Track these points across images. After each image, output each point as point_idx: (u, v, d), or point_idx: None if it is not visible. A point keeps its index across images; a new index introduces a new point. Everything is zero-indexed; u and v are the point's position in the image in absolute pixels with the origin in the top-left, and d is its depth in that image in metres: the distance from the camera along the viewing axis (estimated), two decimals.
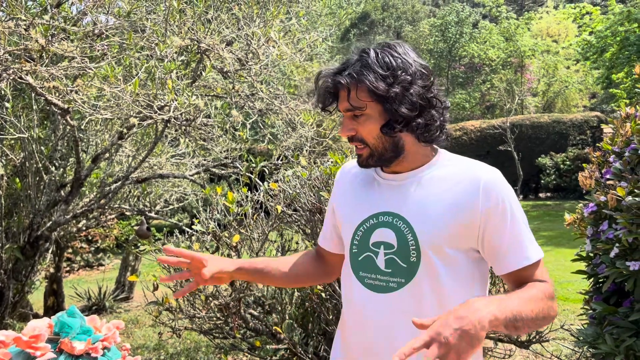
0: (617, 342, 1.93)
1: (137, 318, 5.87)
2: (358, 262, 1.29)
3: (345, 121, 1.24)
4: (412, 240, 1.21)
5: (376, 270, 1.25)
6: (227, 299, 2.71)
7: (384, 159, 1.25)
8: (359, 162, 1.28)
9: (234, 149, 4.99)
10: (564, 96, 26.41)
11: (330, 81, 1.23)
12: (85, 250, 9.66)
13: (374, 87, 1.17)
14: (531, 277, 1.21)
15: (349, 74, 1.20)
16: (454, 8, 30.03)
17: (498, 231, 1.20)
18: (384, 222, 1.26)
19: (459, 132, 18.67)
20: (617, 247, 1.94)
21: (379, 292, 1.24)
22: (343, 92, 1.22)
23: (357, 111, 1.21)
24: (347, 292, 1.34)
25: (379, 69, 1.18)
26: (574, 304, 5.35)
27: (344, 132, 1.24)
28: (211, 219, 2.82)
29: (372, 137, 1.23)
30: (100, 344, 1.32)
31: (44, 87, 3.00)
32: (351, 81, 1.19)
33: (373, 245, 1.26)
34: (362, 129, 1.22)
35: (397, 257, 1.23)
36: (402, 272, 1.22)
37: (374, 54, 1.20)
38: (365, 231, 1.28)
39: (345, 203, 1.39)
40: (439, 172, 1.26)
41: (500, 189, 1.21)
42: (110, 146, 4.38)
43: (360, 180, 1.38)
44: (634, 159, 2.02)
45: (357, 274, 1.29)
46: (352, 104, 1.20)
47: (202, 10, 3.56)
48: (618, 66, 15.47)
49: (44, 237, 4.62)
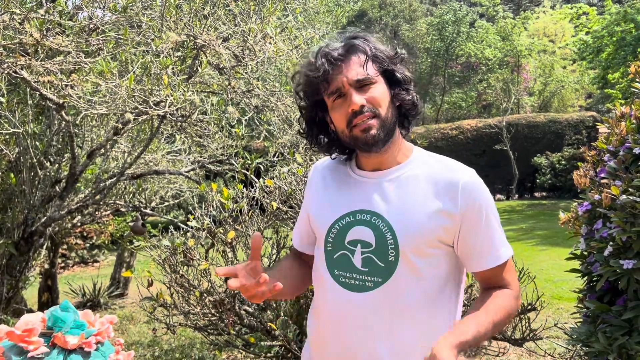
0: (610, 340, 1.94)
1: (132, 314, 5.87)
2: (333, 260, 1.26)
3: (353, 92, 1.19)
4: (392, 239, 1.19)
5: (352, 269, 1.22)
6: (221, 295, 2.71)
7: (388, 132, 1.22)
8: (368, 139, 1.19)
9: (230, 145, 4.98)
10: (560, 96, 26.47)
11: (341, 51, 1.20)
12: (80, 247, 9.62)
13: (385, 54, 1.21)
14: (499, 275, 1.25)
15: (362, 42, 1.22)
16: (451, 7, 30.02)
17: (473, 231, 1.22)
18: (361, 220, 1.23)
19: (455, 131, 18.70)
20: (611, 245, 1.95)
21: (354, 291, 1.21)
22: (357, 60, 1.20)
23: (369, 80, 1.19)
24: (320, 291, 1.30)
25: (378, 42, 1.24)
26: (567, 303, 5.37)
27: (357, 101, 1.18)
28: (206, 215, 2.81)
29: (385, 106, 1.21)
30: (94, 339, 1.32)
31: (38, 82, 2.98)
32: (366, 48, 1.21)
33: (349, 244, 1.24)
34: (374, 97, 1.20)
35: (375, 256, 1.21)
36: (380, 271, 1.20)
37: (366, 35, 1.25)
38: (341, 229, 1.25)
39: (318, 200, 1.35)
40: (417, 171, 1.26)
41: (479, 190, 1.23)
42: (105, 142, 4.36)
43: (334, 177, 1.35)
44: (629, 157, 2.03)
45: (332, 272, 1.25)
46: (368, 72, 1.19)
47: (198, 6, 3.55)
48: (614, 66, 15.52)
49: (38, 233, 4.61)
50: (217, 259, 2.84)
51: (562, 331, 3.19)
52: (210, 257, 2.85)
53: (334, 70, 1.19)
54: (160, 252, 2.84)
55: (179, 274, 2.79)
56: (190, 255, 2.76)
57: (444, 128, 18.94)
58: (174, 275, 2.81)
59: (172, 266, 2.80)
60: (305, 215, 1.41)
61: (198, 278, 2.83)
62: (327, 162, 1.40)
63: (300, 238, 1.45)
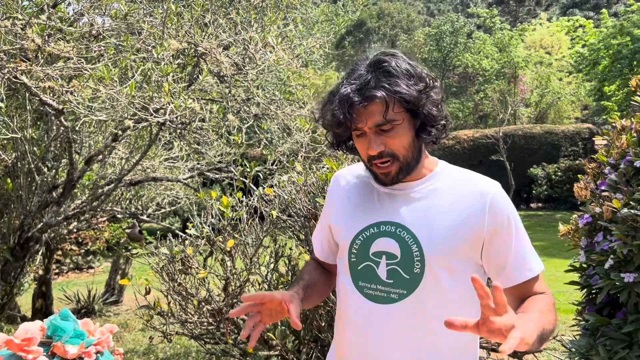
0: (610, 353, 1.93)
1: (127, 322, 5.82)
2: (357, 271, 1.25)
3: (372, 137, 1.17)
4: (417, 251, 1.18)
5: (377, 281, 1.22)
6: (219, 304, 2.70)
7: (410, 169, 1.21)
8: (386, 180, 1.21)
9: (228, 153, 4.98)
10: (556, 107, 26.61)
11: (358, 99, 1.14)
12: (75, 253, 9.57)
13: (408, 95, 1.14)
14: (532, 288, 1.22)
15: (382, 87, 1.14)
16: (449, 18, 30.24)
17: (504, 246, 1.20)
18: (386, 231, 1.22)
19: (452, 141, 18.76)
20: (611, 258, 1.95)
21: (379, 302, 1.21)
22: (376, 107, 1.14)
23: (389, 124, 1.15)
24: (344, 302, 1.29)
25: (404, 77, 1.16)
26: (565, 315, 5.36)
27: (375, 148, 1.16)
28: (205, 223, 2.80)
29: (404, 147, 1.18)
30: (94, 348, 1.30)
31: (39, 87, 2.98)
32: (388, 94, 1.13)
33: (374, 255, 1.23)
34: (393, 141, 1.17)
35: (400, 268, 1.20)
36: (405, 283, 1.19)
37: (393, 63, 1.17)
38: (365, 240, 1.24)
39: (342, 211, 1.34)
40: (442, 184, 1.25)
41: (506, 204, 1.22)
42: (103, 148, 4.35)
43: (357, 188, 1.34)
44: (630, 171, 2.03)
45: (357, 284, 1.24)
46: (387, 118, 1.14)
47: (199, 14, 3.55)
48: (610, 79, 15.64)
49: (34, 239, 4.58)
50: (216, 267, 2.83)
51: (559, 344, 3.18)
52: (209, 266, 2.84)
53: (354, 116, 1.16)
54: (158, 259, 2.82)
55: (176, 282, 2.77)
56: (189, 263, 2.75)
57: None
58: (171, 284, 2.79)
59: (170, 274, 2.79)
60: (326, 224, 1.40)
61: (196, 286, 2.81)
62: (349, 172, 1.40)
63: (322, 247, 1.44)
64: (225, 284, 2.73)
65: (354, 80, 1.18)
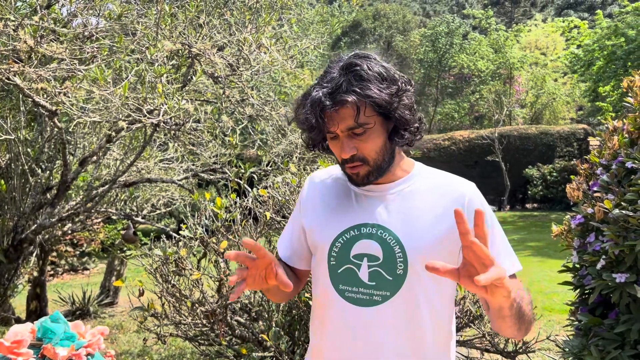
0: (602, 354, 1.94)
1: (122, 323, 5.80)
2: (337, 274, 1.23)
3: (345, 141, 1.17)
4: (400, 252, 1.18)
5: (358, 283, 1.20)
6: (213, 305, 2.69)
7: (381, 172, 1.21)
8: (357, 182, 1.21)
9: (223, 154, 4.97)
10: (551, 108, 26.71)
11: (329, 103, 1.13)
12: (70, 254, 9.54)
13: (380, 99, 1.13)
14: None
15: (354, 91, 1.13)
16: (445, 19, 30.31)
17: None
18: (366, 233, 1.21)
19: (448, 142, 18.80)
20: (603, 259, 1.95)
21: (361, 305, 1.20)
22: (347, 111, 1.14)
23: (361, 128, 1.15)
24: (323, 307, 1.27)
25: (376, 80, 1.14)
26: (559, 315, 5.38)
27: (347, 152, 1.16)
28: (199, 225, 2.80)
29: (375, 151, 1.18)
30: (84, 350, 1.30)
31: (31, 89, 2.97)
32: (359, 98, 1.12)
33: (354, 257, 1.21)
34: (365, 145, 1.17)
35: (383, 270, 1.19)
36: (388, 285, 1.19)
37: (364, 66, 1.15)
38: (345, 243, 1.23)
39: (318, 214, 1.31)
40: (420, 185, 1.25)
41: (482, 203, 1.22)
42: (98, 149, 4.34)
43: (333, 190, 1.32)
44: (621, 171, 2.04)
45: (337, 287, 1.22)
46: (359, 122, 1.14)
47: (193, 15, 3.55)
48: (605, 79, 15.70)
49: (28, 240, 4.56)
50: (210, 268, 2.82)
51: (554, 344, 3.19)
52: (203, 267, 2.83)
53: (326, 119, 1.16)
54: (152, 261, 2.81)
55: (170, 284, 2.77)
56: (182, 264, 2.74)
57: (437, 139, 19.04)
58: (165, 285, 2.78)
59: (163, 276, 2.78)
60: (298, 227, 1.36)
61: (190, 288, 2.80)
62: (324, 174, 1.38)
63: (293, 252, 1.39)
64: (219, 285, 2.73)
65: (326, 84, 1.16)
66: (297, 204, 1.40)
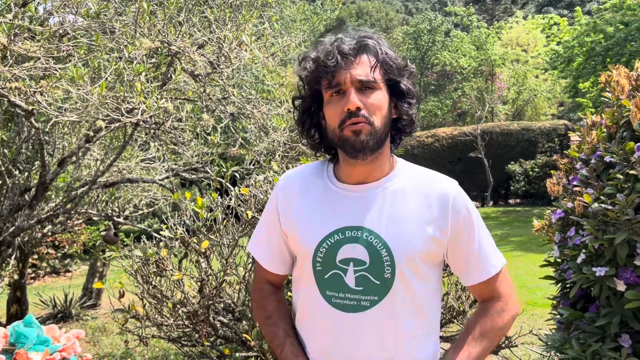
0: (583, 347, 1.95)
1: (105, 326, 5.74)
2: (324, 280, 1.19)
3: (352, 92, 1.13)
4: (387, 255, 1.15)
5: (345, 289, 1.17)
6: (195, 306, 2.66)
7: (379, 144, 1.16)
8: (357, 142, 1.13)
9: (205, 153, 4.92)
10: (533, 104, 26.98)
11: (349, 46, 1.14)
12: (51, 256, 9.40)
13: (396, 62, 1.17)
14: (494, 284, 1.25)
15: (379, 46, 1.16)
16: (427, 16, 30.43)
17: (466, 245, 1.21)
18: (352, 237, 1.17)
19: (431, 138, 18.88)
20: (583, 253, 1.97)
21: (348, 311, 1.16)
22: (365, 61, 1.15)
23: (375, 83, 1.14)
24: (309, 313, 1.24)
25: (389, 49, 1.19)
26: (542, 309, 5.43)
27: (356, 102, 1.12)
28: (180, 225, 2.76)
29: (381, 115, 1.15)
30: (59, 355, 1.27)
31: (6, 88, 2.90)
32: (379, 51, 1.16)
33: (341, 262, 1.17)
34: (372, 103, 1.14)
35: (370, 274, 1.16)
36: (375, 290, 1.16)
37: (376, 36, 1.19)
38: (330, 247, 1.18)
39: (299, 217, 1.24)
40: (404, 184, 1.22)
41: (467, 203, 1.22)
42: (77, 149, 4.27)
43: (311, 190, 1.26)
44: (600, 166, 2.05)
45: (323, 293, 1.18)
46: (373, 76, 1.14)
47: (173, 12, 3.50)
48: (584, 76, 15.88)
49: (6, 243, 4.47)
50: (191, 269, 2.79)
51: (537, 337, 3.22)
52: (184, 267, 2.80)
53: (340, 64, 1.13)
54: (132, 262, 2.77)
55: (151, 285, 2.73)
56: (163, 265, 2.71)
57: (420, 136, 19.11)
58: (146, 286, 2.74)
59: (144, 277, 2.74)
60: (277, 232, 1.30)
61: (171, 289, 2.77)
62: (297, 174, 1.31)
63: (272, 258, 1.33)
64: (200, 285, 2.70)
65: (344, 37, 1.18)
66: (270, 206, 1.31)
